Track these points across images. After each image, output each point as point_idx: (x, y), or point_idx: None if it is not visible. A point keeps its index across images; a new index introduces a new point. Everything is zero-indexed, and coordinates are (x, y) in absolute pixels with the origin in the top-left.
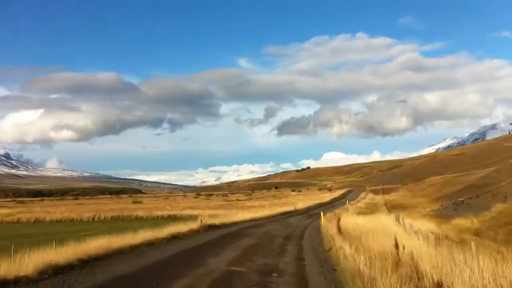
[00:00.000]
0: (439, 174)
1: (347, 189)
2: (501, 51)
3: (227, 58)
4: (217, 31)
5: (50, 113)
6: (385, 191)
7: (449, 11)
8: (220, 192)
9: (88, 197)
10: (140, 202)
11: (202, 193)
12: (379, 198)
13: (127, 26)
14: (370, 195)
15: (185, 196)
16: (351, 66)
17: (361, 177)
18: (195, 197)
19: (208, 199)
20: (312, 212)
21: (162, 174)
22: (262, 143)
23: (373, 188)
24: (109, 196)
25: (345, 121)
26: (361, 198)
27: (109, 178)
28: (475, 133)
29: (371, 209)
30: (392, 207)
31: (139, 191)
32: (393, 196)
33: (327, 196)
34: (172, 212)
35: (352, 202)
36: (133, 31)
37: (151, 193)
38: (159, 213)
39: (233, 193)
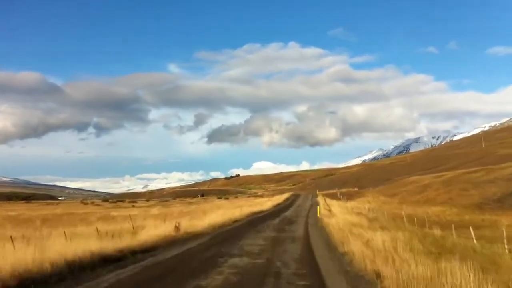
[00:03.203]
0: (386, 180)
1: (291, 193)
2: (427, 66)
3: (157, 62)
4: (147, 34)
5: None
6: (345, 196)
7: (378, 24)
8: (137, 199)
9: None
10: None
11: (111, 200)
12: (352, 205)
13: (51, 24)
14: (334, 201)
15: (85, 204)
16: (283, 75)
17: (293, 185)
18: (85, 204)
19: (99, 205)
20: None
21: (87, 180)
22: (192, 150)
23: (325, 192)
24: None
25: (275, 130)
26: (326, 205)
27: (28, 184)
28: (400, 145)
29: (404, 233)
30: (418, 225)
31: (52, 197)
32: (366, 203)
33: (265, 203)
34: None
35: (322, 212)
36: (57, 29)
37: (59, 201)
38: None
39: (148, 200)
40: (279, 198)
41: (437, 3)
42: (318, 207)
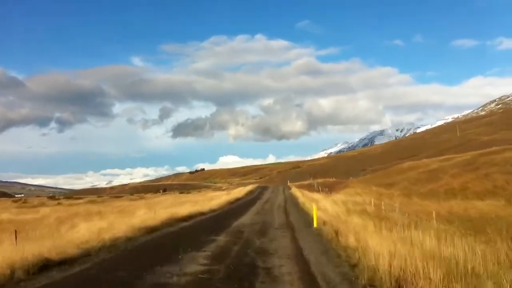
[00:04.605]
0: (362, 170)
1: (256, 185)
2: (392, 59)
3: (121, 55)
4: (111, 26)
5: None
6: (325, 188)
7: (345, 17)
8: (95, 195)
9: None
10: None
11: (58, 197)
12: (341, 199)
13: (11, 17)
14: (315, 195)
15: (25, 201)
16: (250, 68)
17: (260, 178)
18: (15, 202)
19: (26, 203)
20: None
21: (49, 177)
22: (157, 145)
23: (297, 183)
24: None
25: (241, 123)
26: (309, 199)
27: None
28: (365, 138)
29: None
30: None
31: (7, 195)
32: (356, 196)
33: (218, 198)
34: None
35: (320, 215)
36: (17, 22)
37: (18, 198)
38: None
39: (100, 196)
40: (240, 191)
41: None
42: (305, 205)
